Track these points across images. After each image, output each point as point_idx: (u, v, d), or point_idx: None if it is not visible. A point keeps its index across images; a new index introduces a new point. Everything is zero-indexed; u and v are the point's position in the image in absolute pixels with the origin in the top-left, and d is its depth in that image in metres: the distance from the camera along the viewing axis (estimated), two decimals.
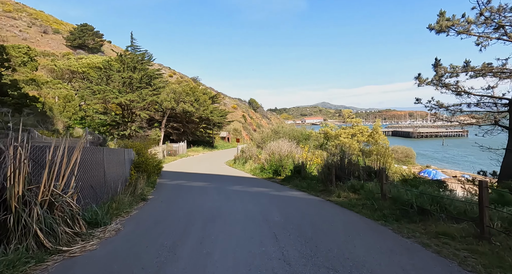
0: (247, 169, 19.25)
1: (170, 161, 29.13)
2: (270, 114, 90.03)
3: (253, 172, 17.44)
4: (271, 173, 15.44)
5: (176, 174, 18.96)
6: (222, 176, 16.81)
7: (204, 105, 38.41)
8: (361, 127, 21.93)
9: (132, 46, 37.69)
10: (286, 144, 16.44)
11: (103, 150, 8.58)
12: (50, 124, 32.08)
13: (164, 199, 9.70)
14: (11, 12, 62.24)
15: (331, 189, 9.81)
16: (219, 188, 11.90)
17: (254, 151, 21.91)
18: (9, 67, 35.24)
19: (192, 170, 20.34)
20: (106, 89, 33.88)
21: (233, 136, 56.79)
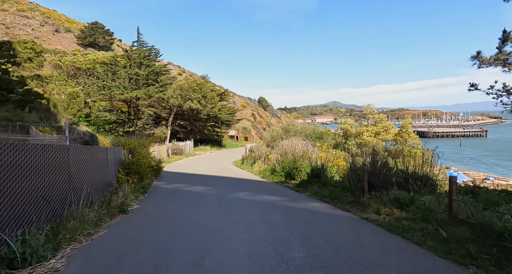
0: (255, 170, 16.95)
1: (175, 160, 27.14)
2: (280, 113, 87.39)
3: (263, 174, 15.12)
4: (283, 176, 13.09)
5: (178, 175, 16.85)
6: (227, 179, 14.58)
7: (212, 103, 36.32)
8: (385, 125, 19.18)
9: (139, 41, 35.96)
10: (301, 143, 14.05)
11: (70, 148, 6.46)
12: (53, 121, 30.68)
13: (149, 212, 7.50)
14: (24, 11, 61.91)
15: (363, 200, 7.39)
16: (221, 196, 9.64)
17: (263, 151, 19.58)
18: (17, 63, 34.14)
19: (195, 171, 18.20)
20: (111, 85, 32.24)
21: (242, 135, 54.58)
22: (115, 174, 9.85)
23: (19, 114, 26.05)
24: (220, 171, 17.87)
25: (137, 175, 11.31)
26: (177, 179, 14.99)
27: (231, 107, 43.45)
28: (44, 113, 29.80)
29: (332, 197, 8.48)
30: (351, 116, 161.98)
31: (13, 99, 30.13)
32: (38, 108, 29.83)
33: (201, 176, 16.07)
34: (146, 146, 17.72)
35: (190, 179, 14.64)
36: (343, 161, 12.71)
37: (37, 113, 28.27)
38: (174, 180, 14.30)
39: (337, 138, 22.61)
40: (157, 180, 14.39)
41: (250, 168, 18.37)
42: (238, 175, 15.85)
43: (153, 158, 16.79)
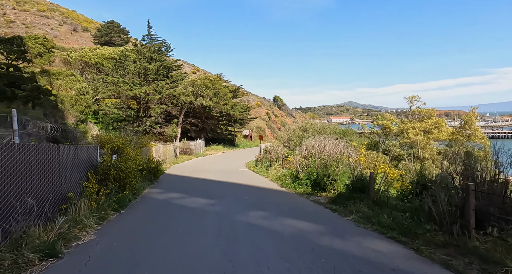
0: (272, 175, 13.69)
1: (183, 160, 24.34)
2: (296, 113, 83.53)
3: (281, 180, 11.84)
4: (309, 186, 9.75)
5: (180, 179, 13.87)
6: (237, 186, 11.40)
7: (225, 100, 33.36)
8: (436, 121, 15.24)
9: (149, 35, 33.59)
10: (331, 142, 10.63)
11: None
12: (60, 118, 28.79)
13: (100, 253, 4.41)
14: (44, 12, 61.70)
15: (472, 245, 3.99)
16: (225, 218, 6.45)
17: (280, 151, 16.29)
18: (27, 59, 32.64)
19: (201, 174, 15.17)
20: (119, 81, 29.98)
21: (257, 134, 51.39)
22: (80, 182, 6.90)
23: (20, 110, 24.09)
24: (230, 175, 14.74)
25: (117, 183, 8.36)
26: (177, 185, 11.97)
27: (244, 105, 40.37)
28: (50, 110, 27.87)
29: (401, 229, 5.08)
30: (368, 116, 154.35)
31: (20, 95, 28.46)
32: (45, 105, 27.96)
33: (206, 181, 12.99)
34: (145, 145, 14.86)
35: (191, 186, 11.58)
36: (389, 167, 9.20)
37: (42, 110, 26.33)
38: (172, 187, 11.28)
39: (372, 137, 18.83)
40: (152, 187, 11.43)
41: (265, 172, 15.13)
42: (251, 181, 12.64)
43: (151, 159, 13.91)
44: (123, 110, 32.13)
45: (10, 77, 31.37)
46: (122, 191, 8.48)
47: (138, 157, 10.21)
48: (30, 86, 29.59)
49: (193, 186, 11.61)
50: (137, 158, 9.78)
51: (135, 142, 13.49)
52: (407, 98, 16.65)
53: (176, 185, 11.84)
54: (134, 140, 13.42)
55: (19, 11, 57.51)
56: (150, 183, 12.10)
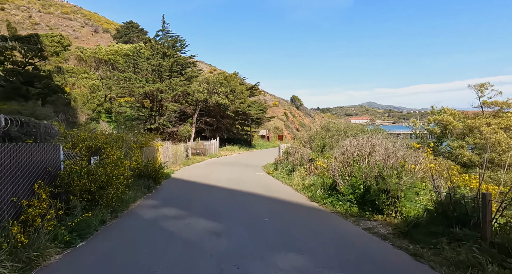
0: (296, 182, 10.80)
1: (196, 162, 21.95)
2: (314, 113, 79.73)
3: (310, 191, 8.95)
4: (354, 203, 6.79)
5: (185, 186, 11.31)
6: (253, 199, 8.62)
7: (241, 97, 30.81)
8: None
9: (164, 30, 31.76)
10: (384, 142, 7.57)
11: None
12: (71, 116, 27.47)
13: None
14: (68, 14, 62.29)
15: None
16: (233, 270, 3.71)
17: (305, 153, 13.37)
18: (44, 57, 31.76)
19: (212, 179, 12.57)
20: (131, 77, 28.24)
21: (274, 135, 48.50)
22: (15, 200, 4.42)
23: (29, 107, 22.76)
24: (245, 181, 12.01)
25: (87, 197, 5.86)
26: (179, 195, 9.39)
27: (262, 103, 37.63)
28: (62, 108, 26.57)
29: None
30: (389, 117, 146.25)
31: (32, 93, 27.44)
32: (57, 102, 26.70)
33: (216, 189, 10.33)
34: (145, 144, 12.45)
35: (196, 197, 8.94)
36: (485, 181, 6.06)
37: (52, 107, 24.98)
38: (172, 198, 8.71)
39: (424, 137, 15.34)
40: (147, 197, 8.92)
41: (288, 178, 12.24)
42: (271, 191, 9.82)
43: (152, 162, 11.46)
44: (135, 109, 30.41)
45: (26, 75, 30.53)
46: (95, 208, 5.98)
47: (118, 161, 7.66)
48: (41, 83, 28.59)
49: (198, 197, 8.96)
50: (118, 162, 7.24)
51: (133, 140, 11.09)
52: (474, 86, 13.15)
53: (178, 195, 9.25)
54: (130, 138, 11.00)
55: (44, 13, 58.28)
56: (147, 191, 9.61)
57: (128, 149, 10.50)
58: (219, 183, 11.58)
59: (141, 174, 11.00)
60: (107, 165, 6.56)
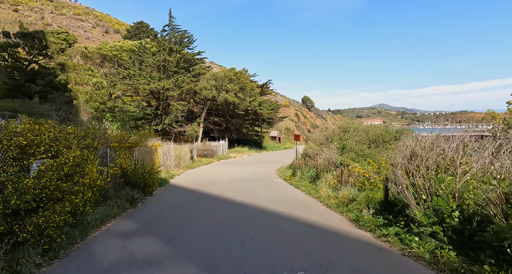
0: (325, 195, 8.09)
1: (202, 164, 19.53)
2: (326, 114, 76.34)
3: (351, 211, 6.23)
4: (446, 241, 4.00)
5: (181, 199, 8.79)
6: (272, 221, 5.99)
7: (252, 95, 28.29)
8: None
9: (171, 25, 29.65)
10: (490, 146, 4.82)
11: None
12: (73, 114, 25.68)
13: None
14: (80, 15, 61.74)
15: None
16: None
17: (333, 156, 10.64)
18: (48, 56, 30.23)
19: (217, 187, 10.03)
20: (136, 74, 26.22)
21: (285, 136, 45.73)
22: None
23: (25, 105, 20.95)
24: (258, 191, 9.40)
25: None
26: (170, 213, 6.85)
27: (273, 102, 35.00)
28: (63, 106, 24.78)
29: None
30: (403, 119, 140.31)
31: (34, 90, 25.84)
32: (58, 100, 24.95)
33: (221, 203, 7.77)
34: (135, 144, 10.02)
35: (193, 218, 6.38)
36: None
37: (52, 105, 23.18)
38: (157, 220, 6.19)
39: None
40: (125, 216, 6.45)
41: (311, 188, 9.53)
42: (294, 207, 7.15)
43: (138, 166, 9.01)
44: (140, 108, 28.36)
45: (30, 73, 29.12)
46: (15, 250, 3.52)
47: (119, 162, 5.15)
48: (44, 81, 26.97)
49: (196, 217, 6.41)
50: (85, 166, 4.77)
51: (117, 138, 8.67)
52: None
53: (169, 213, 6.72)
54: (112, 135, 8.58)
55: (57, 15, 57.79)
56: (129, 205, 7.15)
57: (110, 150, 8.10)
58: (226, 193, 9.01)
59: (127, 181, 8.59)
60: (49, 174, 4.10)
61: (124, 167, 8.56)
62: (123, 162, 8.55)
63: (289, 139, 46.68)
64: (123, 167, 8.51)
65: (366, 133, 20.18)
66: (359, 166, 8.56)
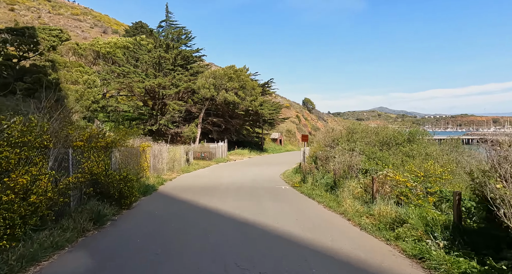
0: (352, 210, 6.18)
1: (199, 167, 17.60)
2: (327, 117, 74.57)
3: (404, 241, 4.27)
4: None
5: (169, 211, 6.85)
6: (288, 255, 4.05)
7: (252, 95, 26.45)
8: None
9: (167, 21, 27.92)
10: None
11: None
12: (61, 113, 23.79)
13: None
14: (78, 15, 60.13)
15: None
16: None
17: (354, 161, 8.73)
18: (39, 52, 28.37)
19: (213, 197, 8.12)
20: (130, 71, 24.37)
21: (286, 138, 43.85)
22: None
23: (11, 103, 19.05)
24: (263, 202, 7.48)
25: None
26: (147, 239, 4.88)
27: (275, 103, 33.16)
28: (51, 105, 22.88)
29: None
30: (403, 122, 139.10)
31: (20, 88, 23.94)
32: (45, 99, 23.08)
33: (218, 220, 5.85)
34: (113, 144, 8.08)
35: (177, 247, 4.44)
36: None
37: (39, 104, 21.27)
38: (125, 253, 4.23)
39: None
40: (81, 244, 4.48)
41: (331, 199, 7.60)
42: (315, 229, 5.23)
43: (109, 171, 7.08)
44: (134, 107, 26.47)
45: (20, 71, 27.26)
46: None
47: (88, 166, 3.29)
48: (32, 78, 25.09)
49: (177, 247, 4.48)
50: None
51: (83, 136, 6.73)
52: None
53: (140, 243, 4.77)
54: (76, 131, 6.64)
55: (54, 14, 56.14)
56: (92, 226, 5.21)
57: (75, 151, 6.18)
58: (225, 205, 7.08)
59: (98, 191, 6.65)
60: None
61: (95, 173, 6.64)
62: (94, 166, 6.62)
63: (290, 141, 44.76)
64: (93, 173, 6.59)
65: (376, 135, 18.29)
66: (392, 171, 6.64)
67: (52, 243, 4.06)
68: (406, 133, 19.54)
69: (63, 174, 5.66)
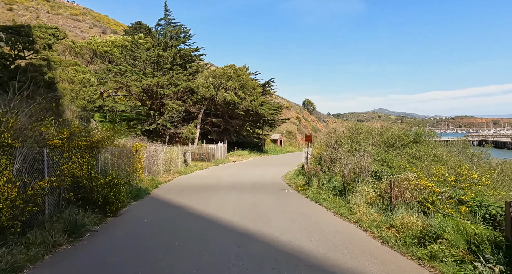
0: (368, 218, 5.38)
1: (197, 169, 16.80)
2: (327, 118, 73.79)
3: (442, 262, 3.43)
4: None
5: (160, 220, 6.02)
6: None
7: (253, 94, 25.68)
8: None
9: (166, 19, 27.23)
10: None
11: None
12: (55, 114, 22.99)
13: None
14: (77, 15, 59.46)
15: None
16: None
17: (365, 163, 7.94)
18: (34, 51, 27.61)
19: (211, 204, 7.33)
20: (127, 70, 23.61)
21: (287, 139, 43.06)
22: None
23: None
24: (266, 210, 6.69)
25: None
26: (124, 260, 4.07)
27: (276, 103, 32.39)
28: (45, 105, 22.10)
29: None
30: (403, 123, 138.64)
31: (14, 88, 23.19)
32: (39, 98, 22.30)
33: (215, 229, 5.04)
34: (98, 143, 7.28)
35: (162, 270, 3.63)
36: None
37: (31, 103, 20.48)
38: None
39: None
40: (41, 266, 3.64)
41: (341, 205, 6.83)
42: (329, 244, 4.44)
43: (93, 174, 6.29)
44: (131, 107, 25.69)
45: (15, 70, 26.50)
46: None
47: (68, 168, 2.61)
48: (25, 77, 24.33)
49: (164, 268, 3.65)
50: None
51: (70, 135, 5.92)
52: None
53: (118, 261, 3.96)
54: None
55: (53, 14, 55.46)
56: (67, 237, 4.40)
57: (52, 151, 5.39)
58: (223, 212, 6.28)
59: (80, 197, 5.85)
60: None
61: (77, 176, 5.84)
62: (76, 168, 5.83)
63: (291, 142, 43.97)
64: (75, 176, 5.79)
65: (381, 136, 17.58)
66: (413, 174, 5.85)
67: (7, 265, 3.25)
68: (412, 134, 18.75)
69: (35, 177, 4.88)
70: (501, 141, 67.01)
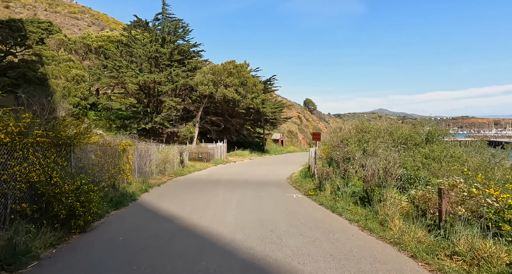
0: (413, 240, 4.02)
1: (195, 170, 15.46)
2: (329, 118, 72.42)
3: None
4: None
5: (146, 233, 4.62)
6: None
7: (254, 92, 24.35)
8: None
9: (164, 14, 25.90)
10: None
11: None
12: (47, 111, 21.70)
13: None
14: (75, 13, 58.11)
15: None
16: None
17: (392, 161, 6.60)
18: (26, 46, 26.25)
19: (207, 214, 5.99)
20: (122, 65, 22.28)
21: (288, 139, 41.73)
22: None
23: None
24: (275, 222, 5.35)
25: None
26: None
27: (277, 101, 31.06)
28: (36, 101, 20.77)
29: None
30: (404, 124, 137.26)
31: (3, 84, 21.81)
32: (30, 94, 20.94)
33: (211, 251, 3.68)
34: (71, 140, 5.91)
35: None
36: None
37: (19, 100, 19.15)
38: None
39: None
40: None
41: (366, 216, 5.48)
42: None
43: (48, 180, 4.91)
44: (127, 105, 24.34)
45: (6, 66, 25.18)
46: None
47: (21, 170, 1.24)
48: (16, 73, 23.00)
49: None
50: None
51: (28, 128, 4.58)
52: None
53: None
54: None
55: (50, 12, 54.09)
56: (1, 270, 3.02)
57: None
58: (222, 226, 4.93)
59: (36, 208, 4.50)
60: None
61: (35, 181, 4.51)
62: (34, 172, 4.49)
63: (292, 142, 42.63)
64: (31, 181, 4.46)
65: (391, 135, 16.23)
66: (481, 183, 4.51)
67: None
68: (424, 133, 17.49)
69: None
70: (500, 141, 65.65)
